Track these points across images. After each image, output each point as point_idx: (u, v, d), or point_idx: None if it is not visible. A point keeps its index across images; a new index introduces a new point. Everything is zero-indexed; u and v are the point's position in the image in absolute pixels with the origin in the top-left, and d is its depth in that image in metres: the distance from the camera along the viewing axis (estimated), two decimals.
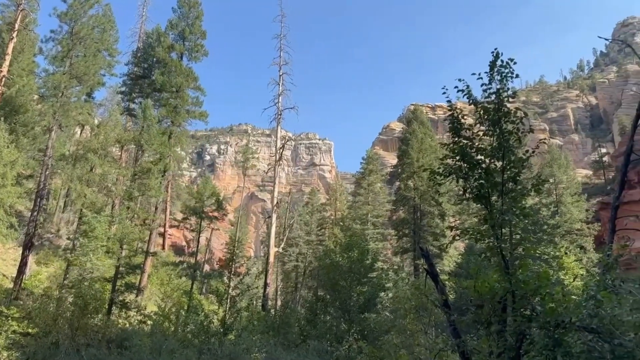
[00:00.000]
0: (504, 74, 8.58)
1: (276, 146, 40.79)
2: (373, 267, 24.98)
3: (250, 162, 59.87)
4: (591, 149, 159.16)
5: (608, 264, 6.81)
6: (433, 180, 9.20)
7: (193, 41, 39.26)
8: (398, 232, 46.80)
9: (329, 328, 22.00)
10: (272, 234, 37.89)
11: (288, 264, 62.87)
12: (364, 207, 55.03)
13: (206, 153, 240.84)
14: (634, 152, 9.49)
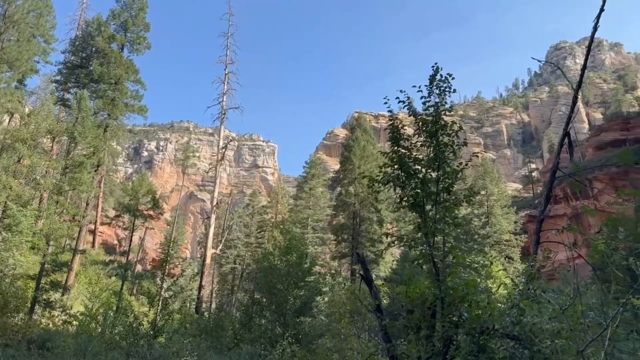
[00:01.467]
0: (442, 88, 8.89)
1: (218, 145, 40.11)
2: (311, 271, 25.06)
3: (191, 161, 58.57)
4: (522, 164, 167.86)
5: (531, 274, 7.18)
6: (372, 187, 9.38)
7: (136, 33, 38.00)
8: (337, 237, 47.26)
9: (263, 332, 21.83)
10: (210, 235, 37.18)
11: (225, 266, 61.95)
12: (305, 211, 55.19)
13: (144, 149, 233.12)
14: (559, 169, 10.06)
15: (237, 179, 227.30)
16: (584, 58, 10.17)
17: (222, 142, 39.95)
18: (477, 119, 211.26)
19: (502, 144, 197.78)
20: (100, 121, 33.93)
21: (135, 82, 37.55)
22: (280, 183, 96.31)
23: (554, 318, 5.73)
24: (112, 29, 37.38)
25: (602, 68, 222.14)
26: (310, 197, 55.73)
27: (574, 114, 10.38)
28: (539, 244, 9.09)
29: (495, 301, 7.62)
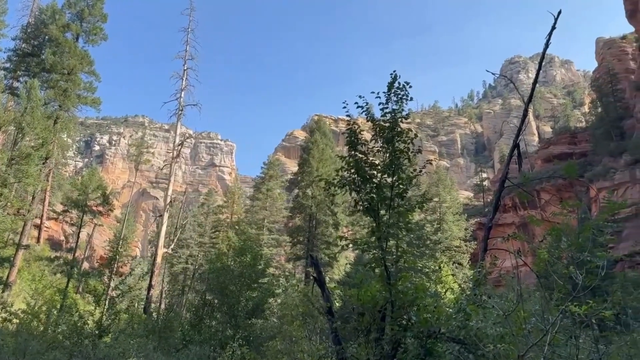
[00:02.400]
0: (400, 95, 9.04)
1: (174, 142, 39.24)
2: (265, 272, 24.92)
3: (145, 157, 57.15)
4: (474, 173, 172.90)
5: (478, 280, 7.40)
6: (328, 190, 9.43)
7: (92, 23, 36.80)
8: (293, 239, 47.23)
9: (213, 333, 21.51)
10: (161, 234, 36.33)
11: (177, 266, 60.75)
12: (261, 212, 54.87)
13: (96, 143, 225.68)
14: (508, 179, 10.41)
15: (193, 178, 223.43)
16: (535, 73, 10.59)
17: (179, 139, 39.11)
18: (433, 128, 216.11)
19: (456, 152, 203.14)
20: (50, 112, 32.62)
21: (90, 73, 36.34)
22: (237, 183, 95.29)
23: (498, 323, 5.92)
24: (67, 18, 36.05)
25: (553, 83, 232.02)
26: (267, 198, 55.46)
27: (524, 127, 10.79)
28: (487, 250, 9.38)
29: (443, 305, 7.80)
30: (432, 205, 55.75)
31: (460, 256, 52.07)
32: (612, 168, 62.12)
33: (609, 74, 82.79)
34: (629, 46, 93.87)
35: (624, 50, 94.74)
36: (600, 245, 15.39)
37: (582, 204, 58.46)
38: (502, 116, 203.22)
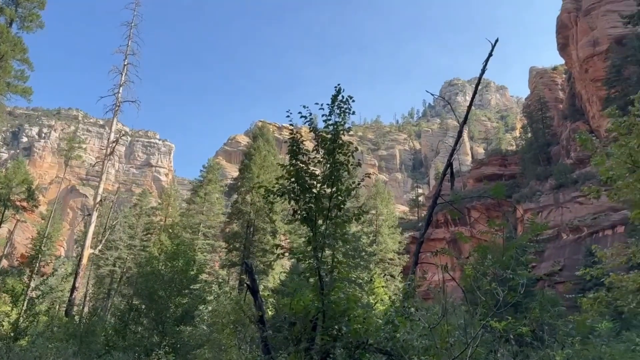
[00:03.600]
0: (343, 108, 9.20)
1: (109, 139, 37.67)
2: (197, 278, 24.32)
3: (76, 152, 54.36)
4: (410, 188, 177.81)
5: (407, 293, 7.61)
6: (267, 197, 9.41)
7: (28, 9, 34.79)
8: (229, 245, 46.46)
9: (139, 339, 20.71)
10: (89, 234, 34.65)
11: (104, 268, 58.18)
12: (198, 216, 53.68)
13: (24, 134, 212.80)
14: (441, 196, 10.78)
15: (127, 177, 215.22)
16: (471, 96, 11.11)
17: (114, 136, 37.58)
18: (374, 142, 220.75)
19: (394, 167, 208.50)
20: None
21: (22, 61, 34.26)
22: (174, 185, 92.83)
23: (423, 335, 6.11)
24: (0, 1, 33.92)
25: (488, 107, 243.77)
26: (204, 202, 54.34)
27: (459, 147, 11.26)
28: (417, 264, 9.67)
29: (373, 317, 7.95)
30: (369, 217, 56.74)
31: (393, 268, 53.24)
32: (538, 191, 65.92)
33: (539, 101, 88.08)
34: (559, 77, 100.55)
35: (554, 80, 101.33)
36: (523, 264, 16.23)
37: (509, 223, 61.63)
38: (440, 135, 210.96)
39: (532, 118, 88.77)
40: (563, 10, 77.55)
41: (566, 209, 59.16)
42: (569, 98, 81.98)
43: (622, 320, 28.78)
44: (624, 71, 48.20)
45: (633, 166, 11.73)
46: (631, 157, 11.62)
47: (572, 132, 67.21)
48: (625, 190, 12.00)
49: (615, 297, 11.24)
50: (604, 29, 65.11)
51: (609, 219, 51.93)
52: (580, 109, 74.46)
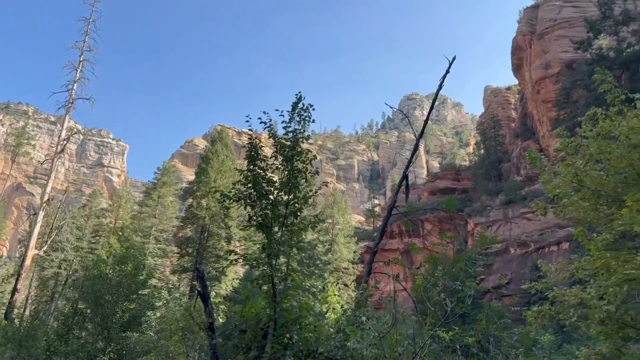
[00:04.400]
0: (303, 116, 9.22)
1: (60, 136, 36.28)
2: (146, 283, 23.68)
3: (24, 148, 52.14)
4: (367, 199, 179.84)
5: (359, 302, 7.65)
6: (223, 202, 9.29)
7: None
8: (181, 250, 45.51)
9: (82, 345, 19.93)
10: (34, 234, 33.15)
11: (48, 270, 55.72)
12: (150, 220, 52.37)
13: None
14: (396, 207, 10.92)
15: (77, 176, 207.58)
16: (428, 111, 11.37)
17: (65, 133, 36.22)
18: (333, 151, 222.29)
19: (352, 177, 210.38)
20: None
21: None
22: (127, 186, 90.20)
23: (373, 345, 6.16)
24: None
25: (444, 123, 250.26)
26: (157, 206, 53.10)
27: (414, 160, 11.50)
28: (371, 274, 9.76)
29: (325, 325, 7.95)
30: (325, 226, 56.94)
31: (347, 278, 53.55)
32: (489, 206, 68.03)
33: (493, 119, 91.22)
34: (512, 97, 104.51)
35: (507, 100, 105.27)
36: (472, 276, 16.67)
37: (460, 236, 63.24)
38: (397, 147, 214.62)
39: (486, 135, 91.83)
40: (518, 33, 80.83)
41: (514, 224, 61.30)
42: (521, 117, 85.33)
43: (563, 333, 30.01)
44: (573, 94, 50.58)
45: (578, 185, 12.27)
46: (577, 176, 12.16)
47: (522, 151, 69.88)
48: (571, 208, 12.53)
49: (557, 311, 11.67)
50: (556, 53, 68.26)
51: (554, 235, 54.13)
52: (531, 129, 77.57)
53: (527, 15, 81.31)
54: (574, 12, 71.52)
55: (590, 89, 34.63)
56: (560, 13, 73.28)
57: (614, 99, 12.34)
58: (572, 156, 12.70)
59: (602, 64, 35.24)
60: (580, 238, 11.52)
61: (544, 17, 74.88)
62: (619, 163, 11.44)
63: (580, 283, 12.69)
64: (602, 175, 11.72)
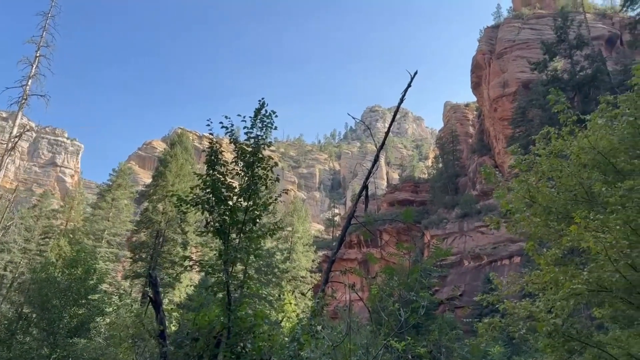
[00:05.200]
0: (265, 122, 9.17)
1: (11, 133, 34.80)
2: (97, 288, 22.91)
3: None
4: (327, 208, 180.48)
5: (315, 311, 7.62)
6: (180, 207, 9.10)
7: None
8: (135, 255, 44.23)
9: (26, 351, 19.06)
10: None
11: None
12: (103, 223, 50.76)
13: None
14: (355, 217, 10.98)
15: (28, 175, 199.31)
16: (389, 124, 11.52)
17: (17, 130, 34.78)
18: (295, 159, 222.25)
19: (313, 186, 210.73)
20: None
21: None
22: (80, 187, 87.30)
23: (327, 354, 6.14)
24: None
25: (405, 136, 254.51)
26: (111, 208, 51.55)
27: (375, 170, 11.60)
28: (327, 283, 9.76)
29: (280, 334, 7.87)
30: (284, 234, 56.66)
31: (304, 286, 53.36)
32: (445, 219, 69.47)
33: (451, 134, 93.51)
34: (470, 113, 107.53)
35: (466, 116, 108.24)
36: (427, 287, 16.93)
37: (416, 248, 64.24)
38: (359, 158, 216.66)
39: (444, 149, 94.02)
40: (478, 52, 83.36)
41: (469, 238, 62.82)
42: (478, 133, 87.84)
43: (513, 346, 30.81)
44: (528, 113, 52.43)
45: (530, 201, 12.70)
46: (529, 192, 12.58)
47: (478, 166, 71.85)
48: (523, 223, 12.94)
49: (507, 323, 11.97)
50: (514, 73, 70.74)
51: (506, 249, 55.73)
52: (487, 145, 79.91)
53: (488, 34, 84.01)
54: (531, 34, 74.42)
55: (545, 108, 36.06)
56: (518, 34, 76.09)
57: (567, 120, 12.88)
58: (525, 173, 13.14)
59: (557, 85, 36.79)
60: (530, 252, 11.89)
61: (503, 38, 77.56)
62: (569, 181, 11.91)
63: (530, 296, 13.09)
64: (553, 192, 12.17)
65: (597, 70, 40.79)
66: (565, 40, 44.42)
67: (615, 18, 75.21)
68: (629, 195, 9.91)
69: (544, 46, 46.07)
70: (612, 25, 74.35)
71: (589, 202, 11.54)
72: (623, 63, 50.31)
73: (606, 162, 11.21)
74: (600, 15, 78.20)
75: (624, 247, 9.61)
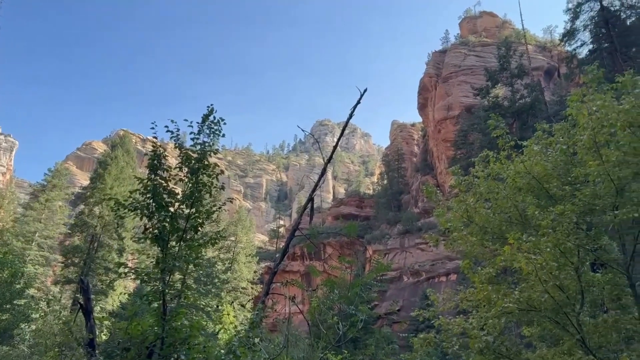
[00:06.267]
0: (213, 129, 9.03)
1: None
2: (23, 293, 21.65)
3: None
4: (273, 219, 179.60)
5: (253, 322, 7.52)
6: (117, 211, 8.76)
7: None
8: (67, 259, 42.15)
9: None
10: None
11: None
12: (34, 224, 48.14)
13: None
14: (299, 229, 10.98)
15: None
16: (338, 138, 11.68)
17: None
18: (243, 168, 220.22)
19: (260, 196, 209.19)
20: None
21: None
22: (11, 186, 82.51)
23: None
24: None
25: (353, 151, 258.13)
26: (44, 210, 49.02)
27: (321, 183, 11.68)
28: (268, 294, 9.68)
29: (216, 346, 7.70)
30: (227, 243, 55.81)
31: (244, 298, 52.65)
32: (387, 234, 70.76)
33: (397, 152, 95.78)
34: (416, 133, 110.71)
35: (412, 135, 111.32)
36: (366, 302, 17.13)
37: (358, 262, 64.96)
38: (306, 170, 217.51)
39: (390, 167, 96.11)
40: (426, 74, 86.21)
41: (409, 254, 64.23)
42: (422, 153, 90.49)
43: None
44: (470, 136, 54.52)
45: (468, 221, 13.18)
46: (467, 212, 13.06)
47: (421, 184, 73.82)
48: (460, 241, 13.40)
49: (442, 339, 12.27)
50: (458, 97, 73.56)
51: (444, 267, 57.36)
52: (430, 164, 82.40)
53: (435, 58, 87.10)
54: (476, 61, 77.81)
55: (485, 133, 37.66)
56: (464, 60, 79.36)
57: (505, 144, 13.51)
58: (464, 193, 13.64)
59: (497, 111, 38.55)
60: (466, 270, 12.29)
61: (449, 63, 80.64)
62: (504, 203, 12.46)
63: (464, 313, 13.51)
64: (490, 213, 12.69)
65: (535, 100, 43.02)
66: (507, 68, 46.66)
67: (554, 51, 79.97)
68: (559, 220, 10.45)
69: (488, 73, 48.16)
70: (551, 58, 79.01)
71: (522, 224, 12.10)
72: (559, 94, 53.49)
73: (540, 186, 11.81)
74: (541, 47, 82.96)
75: (553, 269, 10.11)
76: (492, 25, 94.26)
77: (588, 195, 10.94)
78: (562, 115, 13.44)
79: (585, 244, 10.92)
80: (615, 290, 11.10)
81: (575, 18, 40.67)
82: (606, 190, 10.85)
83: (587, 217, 11.44)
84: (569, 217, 10.46)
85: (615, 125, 10.61)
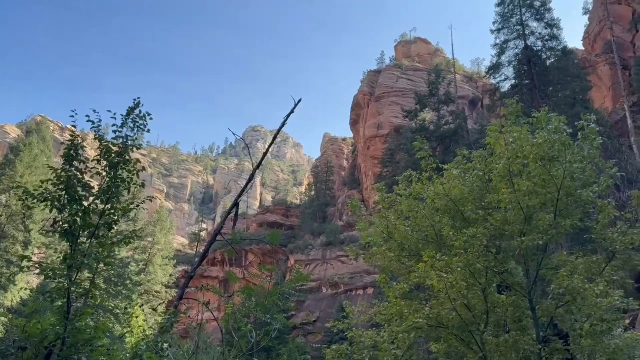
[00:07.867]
0: (138, 123, 8.70)
1: None
2: None
3: None
4: (195, 221, 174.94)
5: (164, 327, 7.28)
6: (24, 200, 8.19)
7: None
8: None
9: None
10: None
11: None
12: None
13: None
14: (221, 234, 10.79)
15: None
16: (268, 144, 11.64)
17: None
18: (167, 167, 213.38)
19: (183, 197, 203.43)
20: None
21: None
22: None
23: None
24: None
25: (283, 159, 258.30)
26: None
27: (249, 189, 11.58)
28: (182, 299, 9.41)
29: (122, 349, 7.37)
30: (143, 244, 53.66)
31: (157, 301, 50.76)
32: (310, 245, 71.23)
33: (326, 165, 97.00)
34: (346, 147, 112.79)
35: (342, 149, 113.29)
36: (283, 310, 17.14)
37: (279, 270, 64.83)
38: (235, 175, 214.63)
39: (318, 178, 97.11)
40: (360, 92, 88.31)
41: (330, 265, 65.00)
42: (351, 167, 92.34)
43: None
44: (396, 155, 56.33)
45: (387, 236, 13.57)
46: (387, 228, 13.46)
47: (347, 198, 75.08)
48: (378, 256, 13.77)
49: (353, 351, 12.50)
50: (388, 117, 75.90)
51: (362, 280, 58.54)
52: (357, 179, 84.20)
53: (369, 77, 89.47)
54: (408, 84, 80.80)
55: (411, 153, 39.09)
56: (396, 82, 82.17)
57: (427, 166, 14.09)
58: (386, 210, 14.05)
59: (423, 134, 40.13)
60: (382, 285, 12.63)
61: (382, 83, 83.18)
62: (422, 222, 12.97)
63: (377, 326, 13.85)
64: (408, 230, 13.15)
65: (458, 126, 45.41)
66: (435, 94, 48.89)
67: (479, 82, 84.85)
68: (471, 241, 11.04)
69: (417, 97, 50.18)
70: (476, 89, 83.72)
71: (437, 244, 12.65)
72: (481, 123, 56.71)
73: (456, 209, 12.42)
74: (468, 77, 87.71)
75: (462, 288, 10.64)
76: (425, 51, 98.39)
77: (499, 221, 11.66)
78: (482, 143, 14.24)
79: (493, 266, 11.61)
80: (517, 312, 11.86)
81: (501, 53, 43.38)
82: (516, 217, 11.62)
83: (496, 241, 12.18)
84: (480, 240, 11.08)
85: (528, 157, 11.43)
